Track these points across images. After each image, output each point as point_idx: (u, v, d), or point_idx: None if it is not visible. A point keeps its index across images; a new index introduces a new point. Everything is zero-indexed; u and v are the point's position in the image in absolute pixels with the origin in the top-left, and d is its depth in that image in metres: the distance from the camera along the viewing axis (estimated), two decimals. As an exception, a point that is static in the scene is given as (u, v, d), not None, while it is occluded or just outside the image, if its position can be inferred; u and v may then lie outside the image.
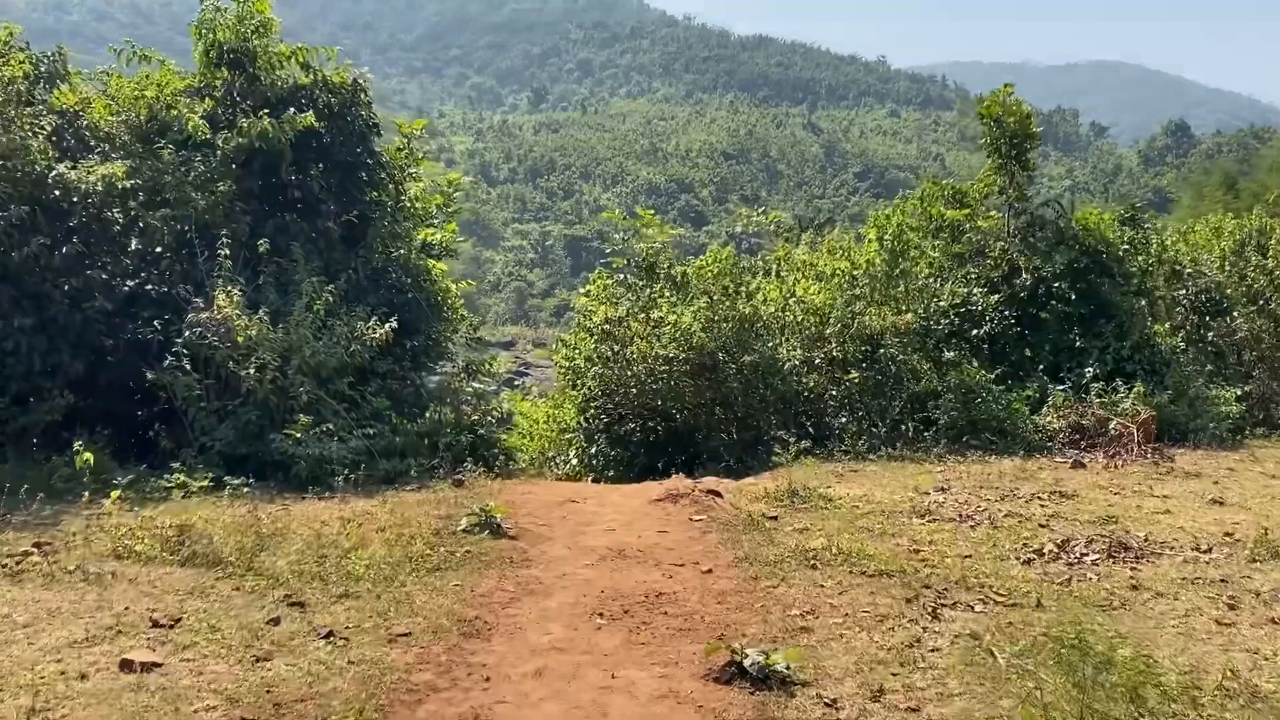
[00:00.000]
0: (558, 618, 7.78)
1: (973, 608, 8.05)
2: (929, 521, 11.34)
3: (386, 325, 14.30)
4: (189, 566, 8.74)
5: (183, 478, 12.10)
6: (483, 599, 8.11)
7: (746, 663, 6.39)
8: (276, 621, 7.38)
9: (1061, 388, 17.58)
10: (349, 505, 11.53)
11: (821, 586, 8.68)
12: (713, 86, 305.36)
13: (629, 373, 16.82)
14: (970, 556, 9.69)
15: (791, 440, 16.33)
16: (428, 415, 15.06)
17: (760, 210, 20.69)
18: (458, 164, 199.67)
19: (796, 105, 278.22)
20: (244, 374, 13.02)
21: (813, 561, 9.37)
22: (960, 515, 11.72)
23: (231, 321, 13.08)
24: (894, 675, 6.60)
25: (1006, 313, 19.28)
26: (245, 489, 11.91)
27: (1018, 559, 9.67)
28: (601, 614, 7.87)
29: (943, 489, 13.19)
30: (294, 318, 13.75)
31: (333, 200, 16.30)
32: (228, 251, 13.98)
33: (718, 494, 12.05)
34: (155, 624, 7.19)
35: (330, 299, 14.47)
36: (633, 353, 16.57)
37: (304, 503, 11.72)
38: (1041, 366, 18.73)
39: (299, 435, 12.50)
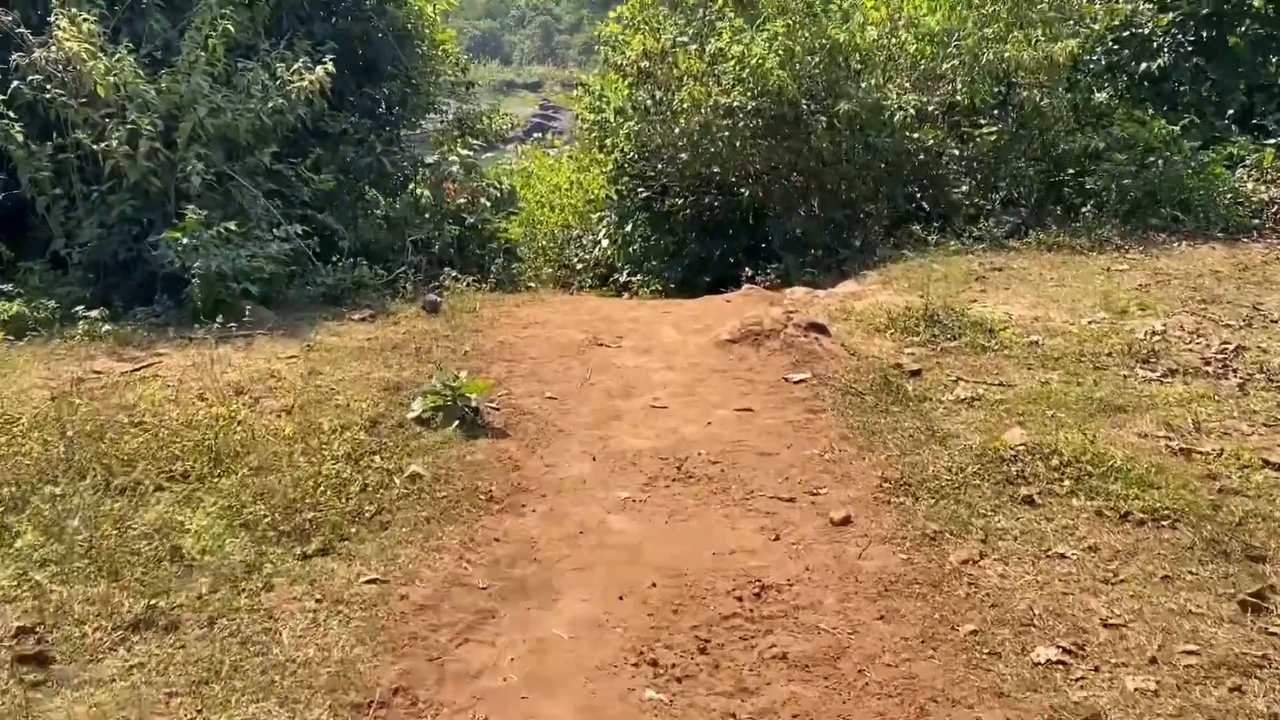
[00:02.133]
0: (564, 676, 3.81)
1: None
2: (1164, 376, 7.13)
3: (320, 67, 9.69)
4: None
5: (16, 306, 8.07)
6: (409, 634, 4.10)
7: None
8: None
9: (1272, 143, 12.77)
10: (247, 355, 7.46)
11: (1063, 559, 4.62)
12: None
13: (676, 129, 12.22)
14: (1294, 469, 5.54)
15: (912, 225, 11.97)
16: (398, 198, 10.72)
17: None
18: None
19: None
20: (105, 145, 8.66)
21: (1024, 489, 5.27)
22: (1206, 359, 7.49)
23: (80, 64, 8.58)
24: None
25: (1180, 37, 14.14)
26: (103, 323, 7.85)
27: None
28: (654, 662, 3.88)
29: (1145, 305, 8.88)
30: (183, 58, 9.19)
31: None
32: (78, -44, 9.27)
33: (821, 329, 7.83)
34: None
35: (241, 30, 9.84)
36: (681, 100, 11.89)
37: (183, 348, 7.66)
38: (1231, 112, 13.84)
39: (183, 238, 8.27)
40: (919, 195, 12.60)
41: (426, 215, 10.57)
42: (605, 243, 15.71)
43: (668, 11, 13.16)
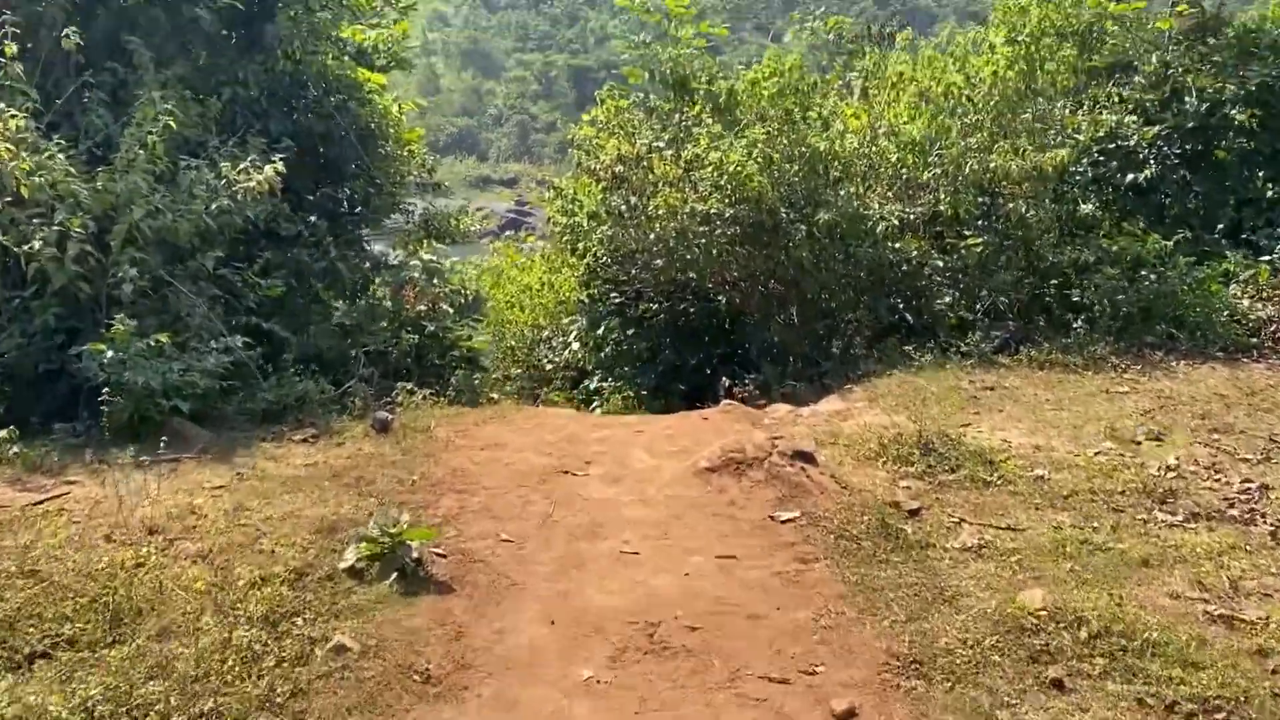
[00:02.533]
0: None
1: None
2: (1186, 520, 6.47)
3: (270, 166, 9.08)
4: None
5: (-87, 425, 7.27)
6: None
7: None
8: None
9: (1267, 259, 12.40)
10: (170, 483, 6.65)
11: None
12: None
13: (651, 234, 11.71)
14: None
15: (895, 336, 11.44)
16: (355, 304, 10.05)
17: (814, 15, 15.07)
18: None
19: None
20: (27, 248, 7.95)
21: (1051, 669, 4.54)
22: (1228, 499, 6.86)
23: (3, 162, 7.92)
24: None
25: (1166, 150, 13.91)
26: (12, 444, 7.05)
27: None
28: None
29: (1156, 434, 8.27)
30: (121, 155, 8.56)
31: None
32: (15, 47, 8.68)
33: (809, 458, 7.14)
34: None
35: (189, 126, 9.27)
36: (657, 206, 11.41)
37: (99, 474, 6.84)
38: (1220, 226, 13.51)
39: (107, 350, 7.51)
40: (902, 306, 12.08)
41: (384, 323, 9.88)
42: (576, 345, 15.08)
43: (643, 116, 12.77)
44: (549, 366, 17.22)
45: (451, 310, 10.35)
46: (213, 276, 8.99)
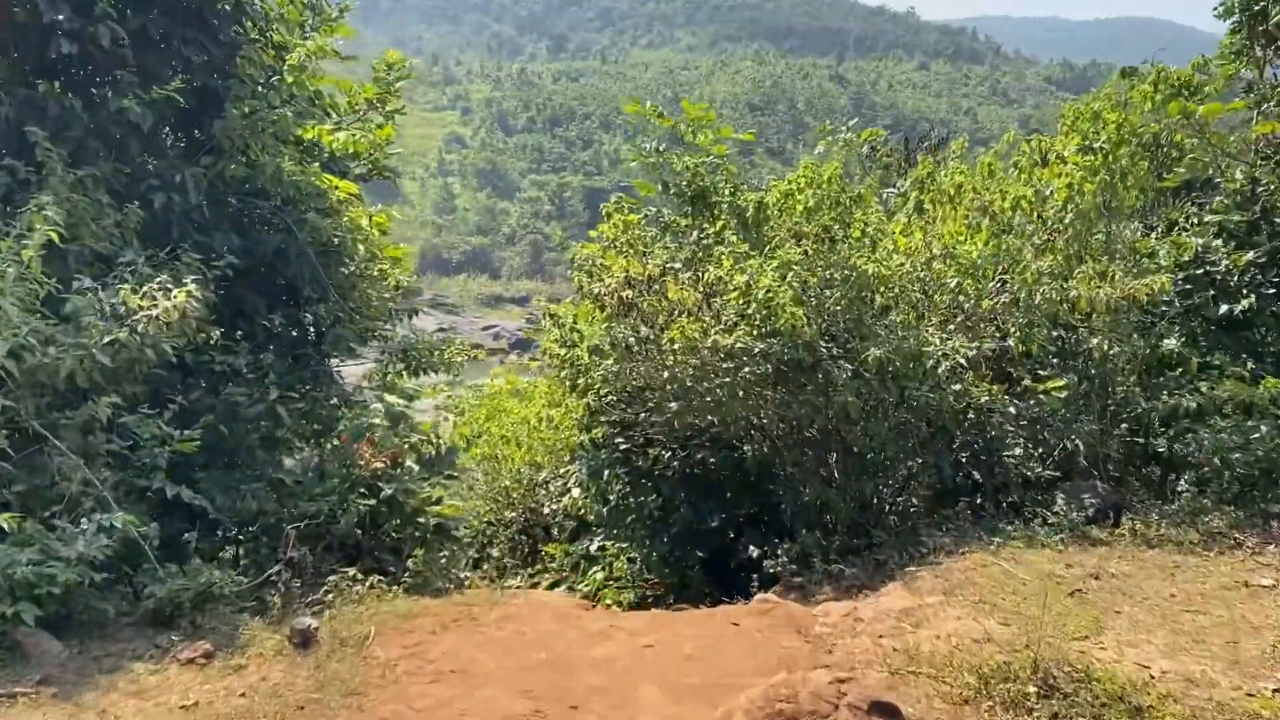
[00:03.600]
0: None
1: None
2: None
3: (183, 290, 7.21)
4: None
5: None
6: None
7: None
8: None
9: (1403, 408, 10.39)
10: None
11: None
12: (737, 36, 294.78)
13: (664, 372, 9.80)
14: None
15: (960, 499, 9.42)
16: (302, 458, 8.08)
17: (846, 126, 13.50)
18: (474, 112, 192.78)
19: (824, 56, 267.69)
20: None
21: None
22: None
23: None
24: None
25: (1263, 278, 12.03)
26: None
27: None
28: None
29: (1343, 657, 6.14)
30: (-8, 275, 6.71)
31: (154, 60, 9.22)
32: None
33: (890, 711, 5.02)
34: None
35: (97, 238, 7.46)
36: (672, 339, 9.52)
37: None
38: (1328, 367, 11.55)
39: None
40: (966, 461, 10.04)
41: (335, 481, 7.88)
42: (576, 491, 13.06)
43: (656, 233, 10.99)
44: (546, 511, 15.21)
45: (417, 466, 8.37)
46: (109, 427, 7.04)
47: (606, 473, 11.14)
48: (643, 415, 10.44)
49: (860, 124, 14.40)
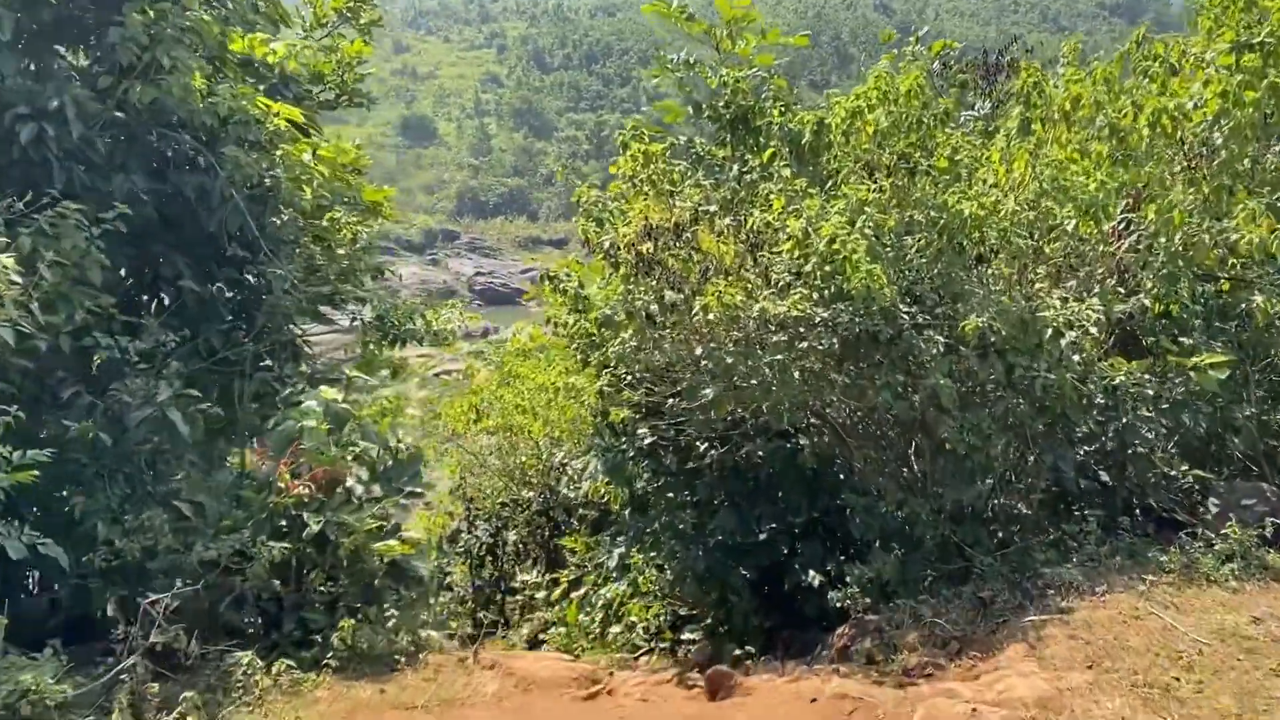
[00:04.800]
0: None
1: None
2: None
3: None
4: None
5: None
6: None
7: None
8: None
9: None
10: None
11: None
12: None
13: (698, 348, 7.56)
14: None
15: (1087, 514, 7.18)
16: (211, 483, 5.97)
17: (915, 37, 10.98)
18: (510, 50, 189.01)
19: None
20: None
21: None
22: None
23: None
24: None
25: None
26: None
27: None
28: None
29: None
30: None
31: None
32: None
33: None
34: None
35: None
36: (707, 304, 7.24)
37: None
38: None
39: None
40: (1093, 459, 7.72)
41: (245, 514, 5.78)
42: (600, 475, 10.90)
43: (686, 167, 8.65)
44: (568, 493, 13.17)
45: (361, 487, 6.23)
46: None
47: (628, 467, 8.94)
48: (670, 402, 8.21)
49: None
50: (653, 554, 9.11)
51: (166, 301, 7.69)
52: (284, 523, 5.76)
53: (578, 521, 12.83)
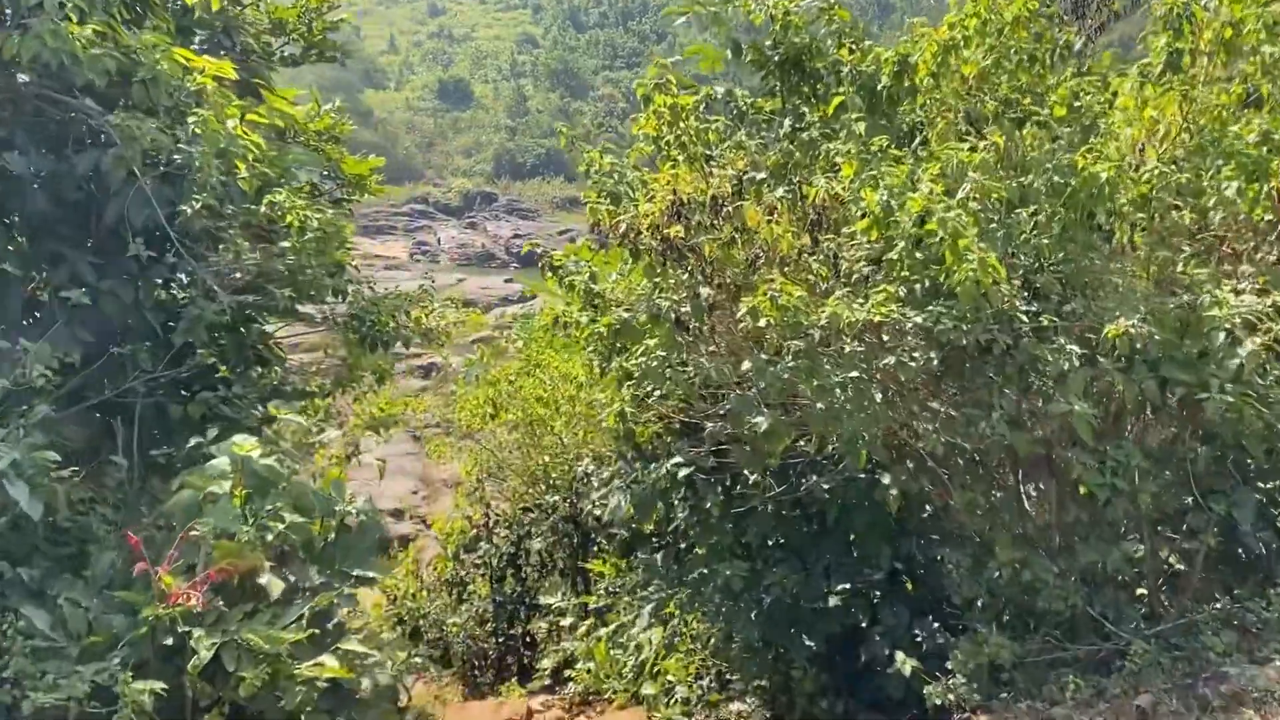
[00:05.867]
0: None
1: None
2: None
3: None
4: None
5: None
6: None
7: None
8: None
9: None
10: None
11: None
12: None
13: (745, 361, 5.74)
14: None
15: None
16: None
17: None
18: (545, 9, 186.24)
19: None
20: None
21: None
22: None
23: None
24: None
25: None
26: None
27: None
28: None
29: None
30: None
31: None
32: None
33: None
34: None
35: None
36: (757, 306, 5.41)
37: None
38: None
39: None
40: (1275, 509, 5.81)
41: (123, 630, 4.06)
42: (619, 500, 9.12)
43: (725, 125, 6.73)
44: (594, 510, 11.42)
45: (284, 584, 4.46)
46: None
47: (658, 504, 7.14)
48: (710, 428, 6.39)
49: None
50: (694, 610, 7.34)
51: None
52: (170, 641, 4.08)
53: (606, 539, 11.11)
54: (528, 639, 11.82)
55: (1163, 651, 5.29)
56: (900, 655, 5.74)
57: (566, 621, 11.22)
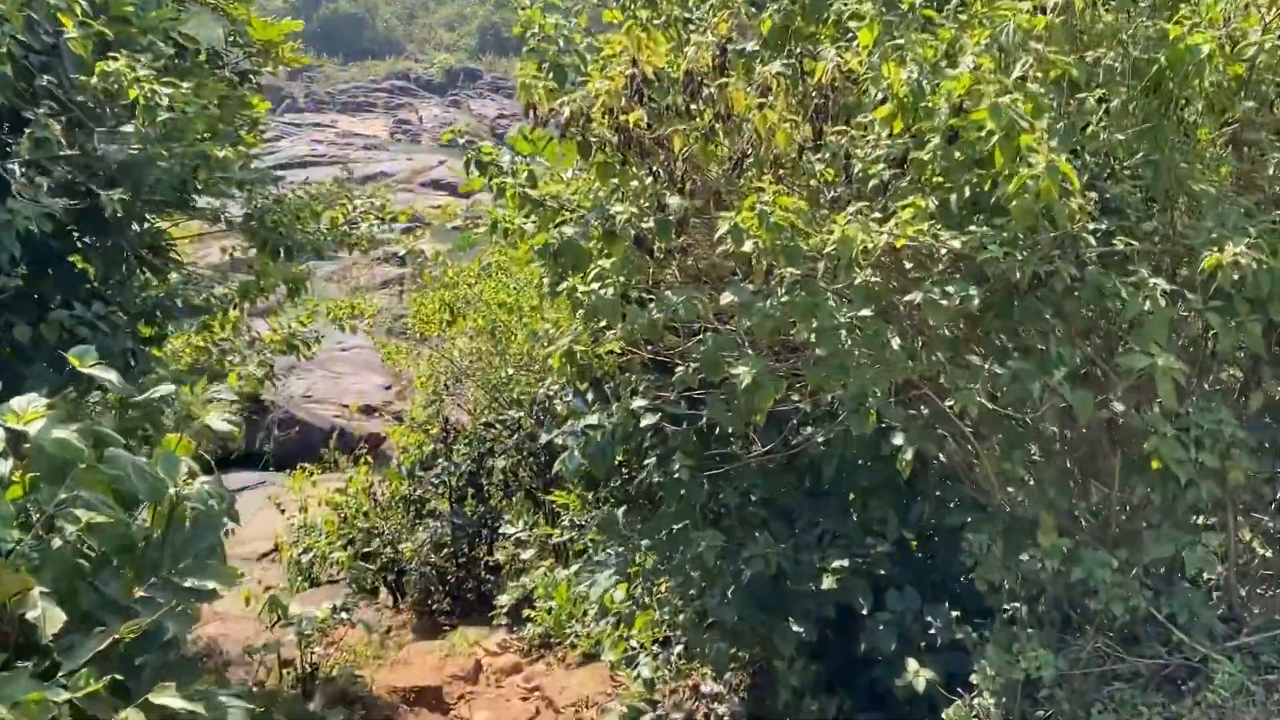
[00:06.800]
0: None
1: None
2: None
3: None
4: None
5: None
6: None
7: None
8: None
9: None
10: None
11: None
12: None
13: (719, 291, 4.43)
14: None
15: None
16: None
17: None
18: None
19: None
20: None
21: None
22: None
23: None
24: None
25: None
26: None
27: None
28: None
29: None
30: None
31: None
32: None
33: None
34: None
35: None
36: (740, 224, 4.06)
37: None
38: None
39: None
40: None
41: None
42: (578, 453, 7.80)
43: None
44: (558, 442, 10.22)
45: (53, 620, 3.15)
46: None
47: (615, 450, 5.87)
48: (682, 366, 5.08)
49: None
50: (659, 577, 6.16)
51: None
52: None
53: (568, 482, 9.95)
54: (489, 564, 10.78)
55: (1250, 672, 4.13)
56: (913, 664, 4.56)
57: (527, 554, 10.15)
